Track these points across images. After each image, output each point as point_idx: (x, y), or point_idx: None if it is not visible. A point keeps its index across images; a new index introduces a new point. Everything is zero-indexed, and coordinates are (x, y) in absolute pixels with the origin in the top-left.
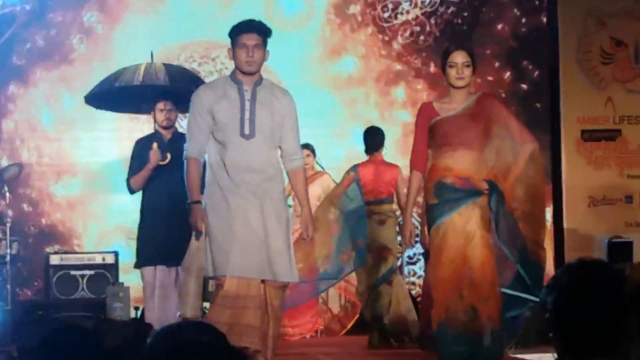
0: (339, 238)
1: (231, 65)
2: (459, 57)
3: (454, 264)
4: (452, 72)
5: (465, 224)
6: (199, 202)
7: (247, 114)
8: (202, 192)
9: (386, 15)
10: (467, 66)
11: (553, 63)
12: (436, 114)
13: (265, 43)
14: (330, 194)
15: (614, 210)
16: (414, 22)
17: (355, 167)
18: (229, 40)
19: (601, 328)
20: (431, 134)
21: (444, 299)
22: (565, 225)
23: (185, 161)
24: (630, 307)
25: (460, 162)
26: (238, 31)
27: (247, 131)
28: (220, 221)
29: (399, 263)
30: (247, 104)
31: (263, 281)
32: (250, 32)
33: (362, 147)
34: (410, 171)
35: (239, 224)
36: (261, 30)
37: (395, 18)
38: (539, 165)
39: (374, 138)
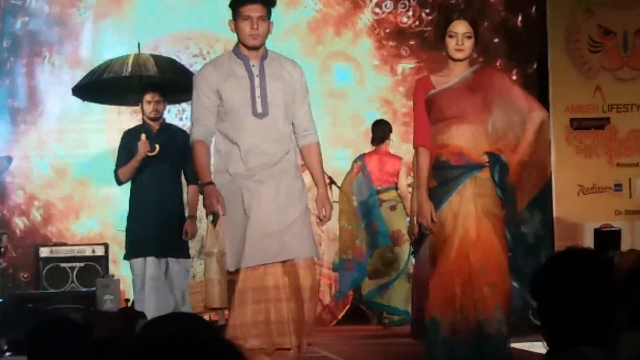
0: (357, 225)
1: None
2: (461, 27)
3: (452, 255)
4: (451, 43)
5: (465, 205)
6: (211, 182)
7: (257, 91)
8: None
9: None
10: (469, 37)
11: (542, 52)
12: (432, 88)
13: (269, 14)
14: (342, 184)
15: (604, 199)
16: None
17: (361, 157)
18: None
19: (590, 317)
20: (427, 109)
21: (440, 293)
22: (554, 214)
23: (191, 145)
24: (619, 296)
25: (456, 137)
26: (240, 2)
27: (259, 109)
28: (232, 212)
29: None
30: (257, 80)
31: (284, 266)
32: (254, 3)
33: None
34: (415, 150)
35: (253, 211)
36: (265, 1)
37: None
38: (545, 136)
39: (379, 130)
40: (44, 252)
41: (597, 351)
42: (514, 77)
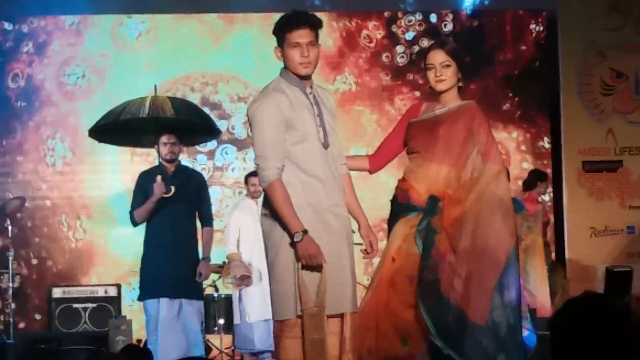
0: None
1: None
2: (437, 57)
3: (371, 292)
4: (430, 75)
5: (390, 244)
6: (306, 231)
7: (318, 120)
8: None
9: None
10: (447, 66)
11: (554, 95)
12: (416, 115)
13: (317, 37)
14: None
15: (616, 241)
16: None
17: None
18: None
19: None
20: (406, 136)
21: (359, 332)
22: (567, 256)
23: (268, 186)
24: (632, 345)
25: (411, 172)
26: (287, 27)
27: (323, 140)
28: (324, 249)
29: None
30: (316, 109)
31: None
32: (302, 28)
33: None
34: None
35: (343, 247)
36: (314, 24)
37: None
38: (501, 191)
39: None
40: (57, 292)
41: None
42: (523, 119)
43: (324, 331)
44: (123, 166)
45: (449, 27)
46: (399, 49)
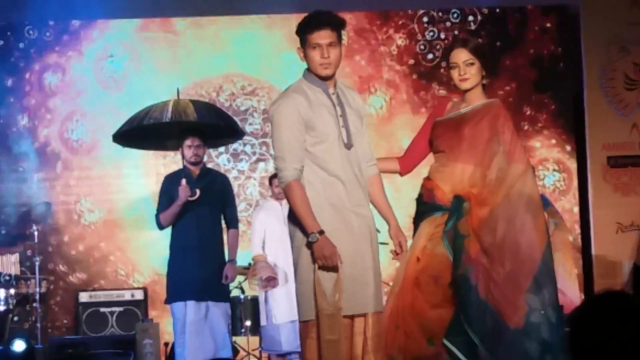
0: None
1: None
2: (461, 55)
3: (394, 291)
4: (454, 74)
5: (415, 243)
6: (323, 231)
7: (341, 121)
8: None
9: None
10: (471, 64)
11: (578, 90)
12: (442, 114)
13: (340, 38)
14: None
15: None
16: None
17: None
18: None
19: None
20: (431, 135)
21: (388, 331)
22: (593, 252)
23: (287, 186)
24: None
25: (437, 172)
26: (307, 28)
27: (346, 140)
28: (346, 249)
29: None
30: (339, 110)
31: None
32: (322, 29)
33: None
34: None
35: (366, 247)
36: (335, 24)
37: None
38: (529, 190)
39: None
40: (84, 297)
41: None
42: (551, 117)
43: (339, 332)
44: (147, 170)
45: (471, 25)
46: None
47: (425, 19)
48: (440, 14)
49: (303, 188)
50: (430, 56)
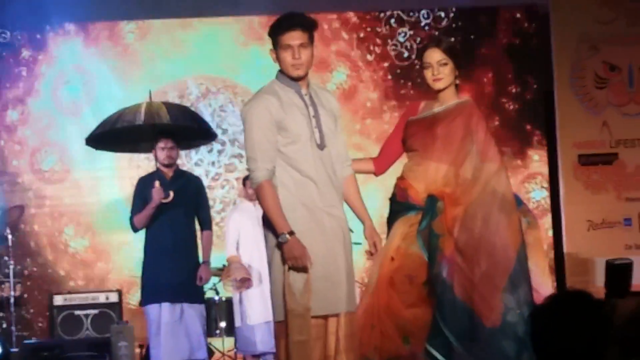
0: None
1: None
2: (434, 55)
3: (372, 298)
4: (428, 74)
5: (388, 243)
6: (293, 232)
7: (313, 122)
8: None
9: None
10: (445, 64)
11: (548, 89)
12: (415, 114)
13: (311, 39)
14: None
15: (613, 234)
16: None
17: None
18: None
19: (579, 356)
20: (404, 135)
21: (363, 331)
22: (565, 250)
23: (258, 187)
24: (613, 338)
25: (410, 171)
26: (278, 30)
27: (319, 141)
28: (317, 248)
29: None
30: (311, 110)
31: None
32: (293, 30)
33: None
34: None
35: (338, 248)
36: (305, 25)
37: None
38: (502, 189)
39: None
40: (58, 300)
41: None
42: (520, 114)
43: (308, 333)
44: (120, 172)
45: (442, 23)
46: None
47: (392, 21)
48: (410, 14)
49: (274, 188)
50: (405, 55)
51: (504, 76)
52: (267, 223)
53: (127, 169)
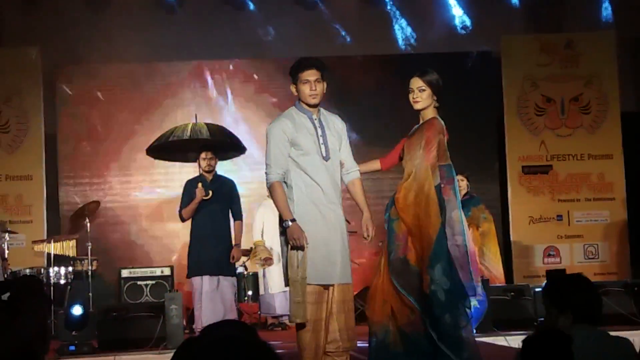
0: None
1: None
2: (415, 82)
3: (383, 278)
4: (410, 97)
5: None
6: (295, 220)
7: (321, 140)
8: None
9: None
10: (422, 90)
11: (499, 115)
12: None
13: (323, 76)
14: None
15: (549, 227)
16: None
17: None
18: None
19: None
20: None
21: (378, 306)
22: (511, 239)
23: (271, 185)
24: None
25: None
26: (299, 69)
27: (324, 154)
28: (320, 234)
29: None
30: (319, 131)
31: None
32: (310, 69)
33: None
34: None
35: (336, 235)
36: (319, 66)
37: None
38: (429, 183)
39: None
40: (125, 273)
41: None
42: (477, 135)
43: (303, 296)
44: (173, 176)
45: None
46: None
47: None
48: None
49: (283, 187)
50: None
51: (467, 105)
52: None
53: (177, 173)
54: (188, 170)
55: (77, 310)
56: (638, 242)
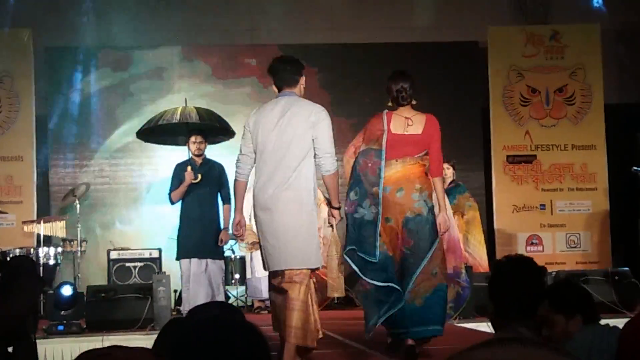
0: None
1: None
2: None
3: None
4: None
5: None
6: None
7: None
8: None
9: None
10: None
11: (485, 105)
12: None
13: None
14: None
15: (532, 215)
16: None
17: None
18: None
19: (522, 303)
20: None
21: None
22: (495, 227)
23: (336, 173)
24: (545, 294)
25: None
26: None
27: None
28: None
29: None
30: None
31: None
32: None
33: None
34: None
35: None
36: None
37: None
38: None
39: None
40: (113, 254)
41: (525, 330)
42: (464, 125)
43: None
44: (161, 159)
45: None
46: None
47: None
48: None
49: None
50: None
51: (454, 95)
52: None
53: (167, 157)
54: (177, 154)
55: (66, 290)
56: (619, 231)
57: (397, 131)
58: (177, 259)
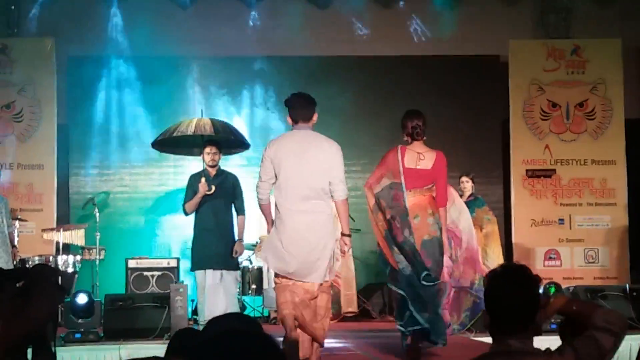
0: None
1: None
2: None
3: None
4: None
5: None
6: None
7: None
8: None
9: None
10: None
11: (505, 118)
12: None
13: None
14: None
15: (550, 230)
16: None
17: None
18: None
19: (514, 313)
20: None
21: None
22: (513, 240)
23: (346, 199)
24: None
25: None
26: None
27: None
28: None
29: None
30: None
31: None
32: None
33: None
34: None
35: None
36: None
37: None
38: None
39: None
40: (131, 263)
41: (515, 341)
42: (484, 138)
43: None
44: (182, 169)
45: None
46: None
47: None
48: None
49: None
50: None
51: (474, 108)
52: None
53: (187, 167)
54: (198, 164)
55: (82, 298)
56: (638, 248)
57: (409, 165)
58: (192, 270)
